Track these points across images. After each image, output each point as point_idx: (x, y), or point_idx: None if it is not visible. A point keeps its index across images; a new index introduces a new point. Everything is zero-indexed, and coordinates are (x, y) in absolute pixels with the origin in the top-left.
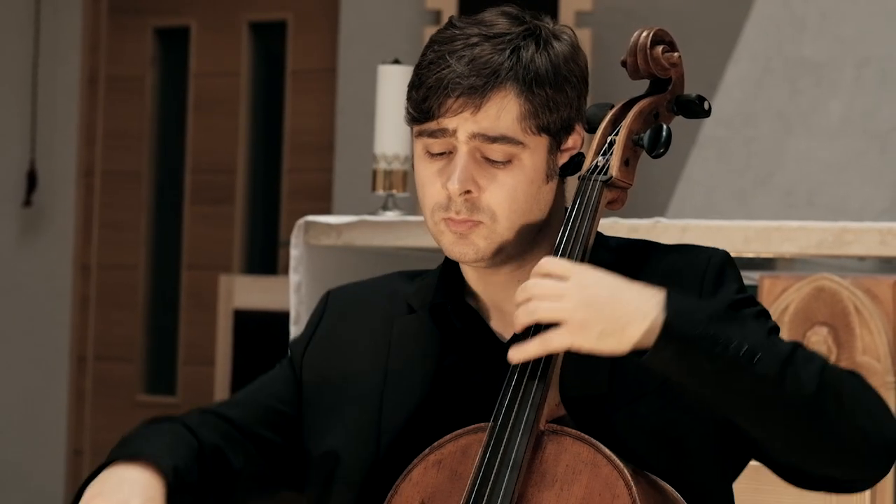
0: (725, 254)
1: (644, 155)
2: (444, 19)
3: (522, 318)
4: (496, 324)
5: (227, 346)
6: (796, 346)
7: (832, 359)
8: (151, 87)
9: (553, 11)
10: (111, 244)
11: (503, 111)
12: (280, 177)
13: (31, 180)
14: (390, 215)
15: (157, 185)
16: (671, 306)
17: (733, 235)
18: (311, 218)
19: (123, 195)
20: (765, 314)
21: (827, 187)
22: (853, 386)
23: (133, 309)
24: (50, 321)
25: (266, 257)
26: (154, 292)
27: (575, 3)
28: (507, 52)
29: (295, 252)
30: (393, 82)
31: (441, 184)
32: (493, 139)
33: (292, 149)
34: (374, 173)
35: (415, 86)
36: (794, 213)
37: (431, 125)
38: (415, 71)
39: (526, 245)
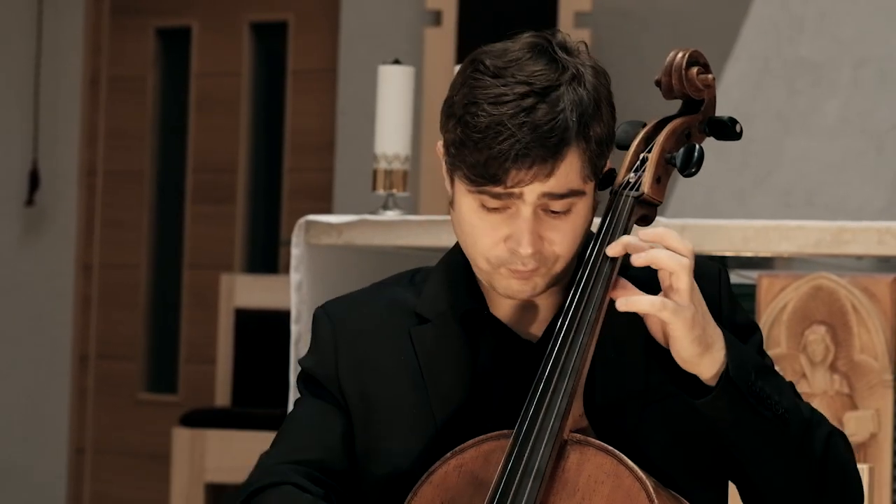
0: (726, 271)
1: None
2: (444, 20)
3: (654, 255)
4: (521, 326)
5: (228, 344)
6: (812, 410)
7: (830, 357)
8: (153, 87)
9: (552, 12)
10: (113, 243)
11: (570, 169)
12: (281, 176)
13: (34, 180)
14: (391, 215)
15: (158, 185)
16: (731, 354)
17: (732, 234)
18: (311, 217)
19: (125, 195)
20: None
21: (825, 187)
22: (846, 455)
23: (135, 308)
24: (52, 320)
25: (267, 256)
26: (155, 291)
27: (574, 3)
28: (567, 111)
29: (296, 251)
30: (393, 82)
31: (500, 237)
32: (562, 196)
33: (293, 148)
34: (375, 173)
35: (467, 146)
36: (793, 213)
37: (497, 189)
38: (461, 128)
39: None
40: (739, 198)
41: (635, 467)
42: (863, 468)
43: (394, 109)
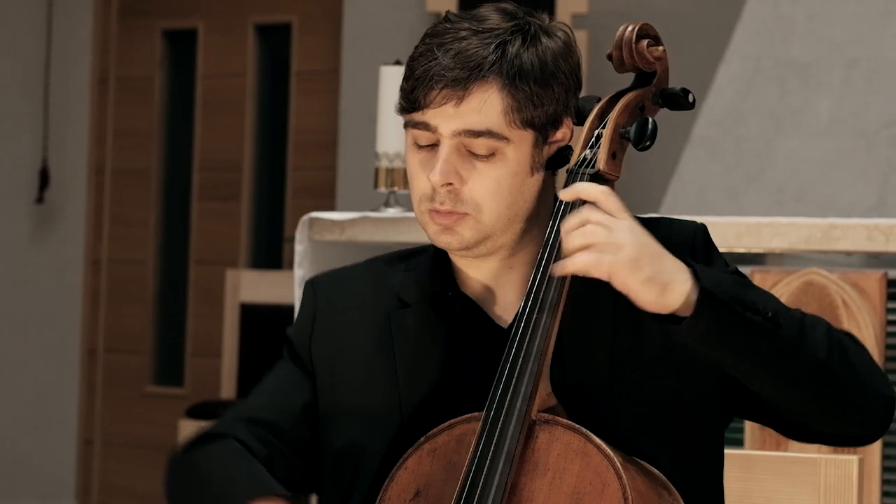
0: (705, 227)
1: (633, 149)
2: None
3: (577, 240)
4: (492, 310)
5: (233, 338)
6: (803, 312)
7: None
8: (160, 88)
9: (550, 13)
10: (121, 240)
11: (486, 104)
12: (285, 174)
13: (44, 178)
14: (392, 212)
15: (165, 183)
16: (703, 276)
17: (725, 231)
18: (315, 214)
19: (133, 192)
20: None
21: (816, 185)
22: (854, 347)
23: (142, 302)
24: (62, 315)
25: (271, 252)
26: (163, 286)
27: (571, 5)
28: (493, 46)
29: (299, 247)
30: (394, 83)
31: (427, 175)
32: (478, 134)
33: (297, 147)
34: (377, 171)
35: (405, 77)
36: (784, 210)
37: (417, 116)
38: (407, 63)
39: (514, 236)
40: (732, 195)
41: (603, 444)
42: (853, 460)
43: (395, 109)
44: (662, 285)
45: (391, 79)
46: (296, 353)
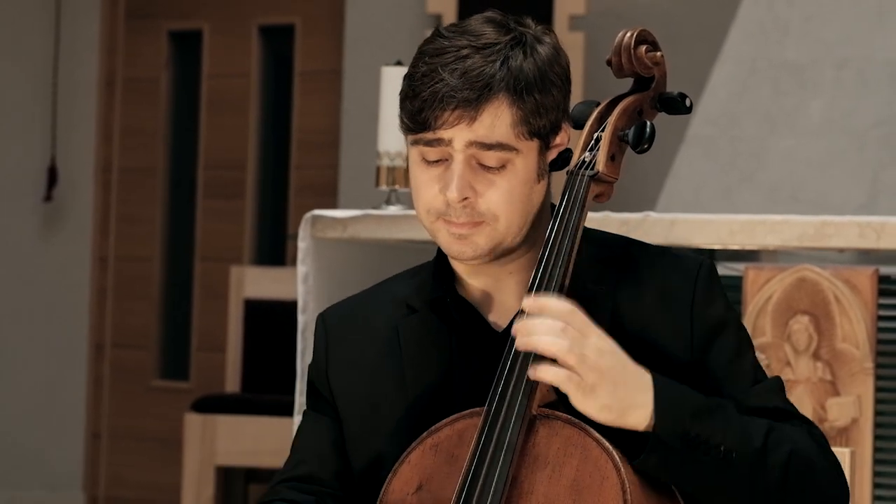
0: (711, 264)
1: (631, 151)
2: (445, 23)
3: (534, 342)
4: (489, 314)
5: (237, 333)
6: (769, 430)
7: (813, 346)
8: (166, 88)
9: (547, 15)
10: (127, 237)
11: (497, 120)
12: (288, 173)
13: (52, 176)
14: (393, 209)
15: (171, 181)
16: (659, 408)
17: (719, 228)
18: (317, 212)
19: (139, 190)
20: (746, 341)
21: (809, 183)
22: (817, 471)
23: (148, 299)
24: (69, 311)
25: (275, 249)
26: (168, 283)
27: (569, 7)
28: (498, 63)
29: (302, 245)
30: (395, 83)
31: (438, 190)
32: (490, 146)
33: (300, 146)
34: (378, 170)
35: (408, 96)
36: (778, 209)
37: (427, 135)
38: (406, 81)
39: (520, 240)
40: (726, 194)
41: (602, 438)
42: (844, 452)
43: (396, 109)
44: (619, 412)
45: (392, 79)
46: (316, 391)
